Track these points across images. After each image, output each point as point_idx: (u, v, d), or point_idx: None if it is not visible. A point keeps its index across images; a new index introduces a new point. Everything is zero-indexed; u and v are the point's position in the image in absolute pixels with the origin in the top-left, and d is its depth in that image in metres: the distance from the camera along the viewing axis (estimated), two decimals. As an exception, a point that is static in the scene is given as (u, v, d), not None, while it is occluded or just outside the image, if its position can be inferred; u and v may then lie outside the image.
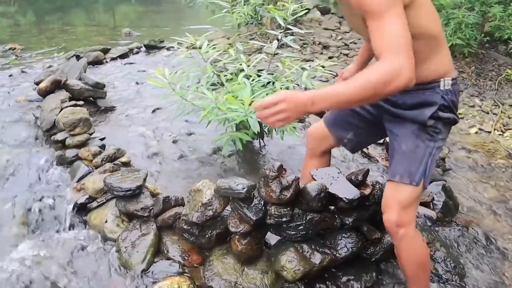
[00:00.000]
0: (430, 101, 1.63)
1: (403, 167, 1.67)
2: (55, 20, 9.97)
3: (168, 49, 6.01)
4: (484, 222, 2.47)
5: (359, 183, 1.97)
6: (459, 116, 3.91)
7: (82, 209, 2.40)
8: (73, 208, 2.37)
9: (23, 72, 4.72)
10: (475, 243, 2.26)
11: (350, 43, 6.34)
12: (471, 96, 4.41)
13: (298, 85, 3.10)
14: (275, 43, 3.10)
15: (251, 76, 2.86)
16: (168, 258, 2.08)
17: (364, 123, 1.90)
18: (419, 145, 1.65)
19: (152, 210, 2.18)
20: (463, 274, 2.03)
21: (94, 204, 2.36)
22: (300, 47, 5.90)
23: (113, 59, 5.43)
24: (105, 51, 5.51)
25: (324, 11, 8.35)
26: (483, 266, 2.12)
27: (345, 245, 1.94)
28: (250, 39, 6.30)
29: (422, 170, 1.64)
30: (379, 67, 1.36)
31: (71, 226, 2.34)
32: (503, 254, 2.21)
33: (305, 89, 3.29)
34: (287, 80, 2.85)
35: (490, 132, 3.69)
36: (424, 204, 2.39)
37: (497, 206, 2.64)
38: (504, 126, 3.78)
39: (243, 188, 1.89)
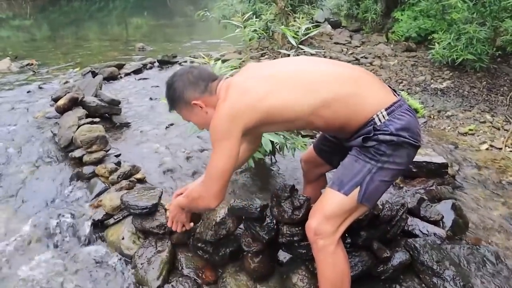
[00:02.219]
0: (366, 131, 1.69)
1: (337, 175, 1.75)
2: (69, 34, 10.18)
3: (181, 64, 6.11)
4: (494, 240, 2.49)
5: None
6: (470, 132, 3.99)
7: (99, 226, 2.47)
8: (91, 225, 2.44)
9: (40, 88, 4.85)
10: (484, 261, 2.27)
11: (361, 57, 6.39)
12: (482, 111, 4.42)
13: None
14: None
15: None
16: (183, 275, 2.13)
17: (344, 147, 1.92)
18: (358, 160, 1.72)
19: (167, 228, 2.23)
20: (473, 293, 2.05)
21: (111, 221, 2.44)
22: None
23: (127, 74, 5.55)
24: (120, 66, 5.63)
25: (335, 25, 8.44)
26: (492, 285, 2.13)
27: (355, 264, 1.98)
28: (262, 54, 6.39)
29: (355, 182, 1.69)
30: (194, 191, 1.92)
31: (89, 242, 2.41)
32: (512, 273, 2.23)
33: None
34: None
35: (501, 148, 3.69)
36: (434, 222, 2.42)
37: (507, 224, 2.65)
38: (515, 142, 3.79)
39: (256, 208, 1.95)
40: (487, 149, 3.71)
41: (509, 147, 3.71)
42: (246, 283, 2.06)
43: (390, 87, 1.84)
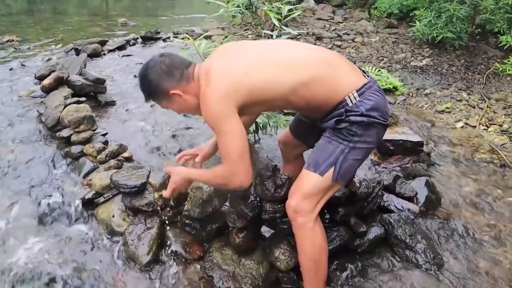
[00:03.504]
0: (339, 113, 1.79)
1: (313, 157, 1.86)
2: (48, 8, 9.97)
3: (164, 40, 6.12)
4: (464, 215, 2.65)
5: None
6: (447, 110, 4.14)
7: (89, 204, 2.56)
8: (81, 203, 2.52)
9: (22, 65, 4.83)
10: (454, 235, 2.44)
11: (343, 34, 6.45)
12: (459, 90, 4.56)
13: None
14: (270, 42, 3.24)
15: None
16: (172, 250, 2.24)
17: (318, 128, 2.01)
18: (331, 141, 1.83)
19: (156, 206, 2.33)
20: (442, 264, 2.21)
21: (101, 199, 2.52)
22: (294, 38, 6.01)
23: (110, 51, 5.54)
24: (103, 43, 5.61)
25: (318, 0, 8.44)
26: (460, 257, 2.30)
27: (334, 238, 2.12)
28: (245, 30, 6.41)
29: (329, 163, 1.80)
30: (218, 171, 1.84)
31: (80, 220, 2.50)
32: (479, 245, 2.39)
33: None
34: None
35: (475, 126, 3.84)
36: (408, 198, 2.56)
37: (477, 199, 2.81)
38: (489, 120, 3.93)
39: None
40: (462, 127, 3.87)
41: (482, 125, 3.87)
42: (232, 257, 2.18)
43: (360, 69, 1.94)
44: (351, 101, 1.78)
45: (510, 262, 2.29)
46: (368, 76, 1.90)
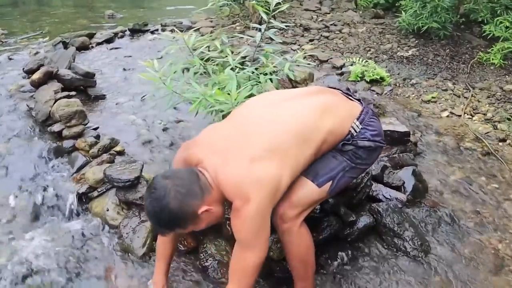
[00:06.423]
0: (346, 139, 1.85)
1: (314, 167, 1.86)
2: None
3: (152, 32, 6.08)
4: (450, 203, 2.73)
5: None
6: (433, 99, 4.22)
7: (83, 198, 2.58)
8: (76, 198, 2.55)
9: (10, 59, 4.79)
10: (440, 222, 2.52)
11: (331, 25, 6.48)
12: (445, 79, 4.63)
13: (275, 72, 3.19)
14: (259, 35, 3.27)
15: (237, 67, 3.03)
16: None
17: None
18: (336, 156, 1.87)
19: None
20: (428, 250, 2.29)
21: (95, 193, 2.55)
22: (282, 29, 6.03)
23: (98, 44, 5.49)
24: (90, 35, 5.57)
25: (305, -9, 8.44)
26: (446, 243, 2.38)
27: (324, 228, 2.18)
28: (233, 22, 6.42)
29: (329, 177, 1.84)
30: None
31: (74, 215, 2.53)
32: (464, 232, 2.48)
33: (289, 79, 3.51)
34: (270, 73, 3.02)
35: (460, 115, 3.93)
36: (396, 187, 2.63)
37: (462, 187, 2.90)
38: (473, 110, 4.01)
39: (233, 180, 2.09)
40: (447, 116, 3.95)
41: (467, 114, 3.96)
42: (225, 248, 2.23)
43: (349, 93, 2.00)
44: (355, 130, 1.85)
45: (494, 248, 2.39)
46: (358, 100, 1.97)
